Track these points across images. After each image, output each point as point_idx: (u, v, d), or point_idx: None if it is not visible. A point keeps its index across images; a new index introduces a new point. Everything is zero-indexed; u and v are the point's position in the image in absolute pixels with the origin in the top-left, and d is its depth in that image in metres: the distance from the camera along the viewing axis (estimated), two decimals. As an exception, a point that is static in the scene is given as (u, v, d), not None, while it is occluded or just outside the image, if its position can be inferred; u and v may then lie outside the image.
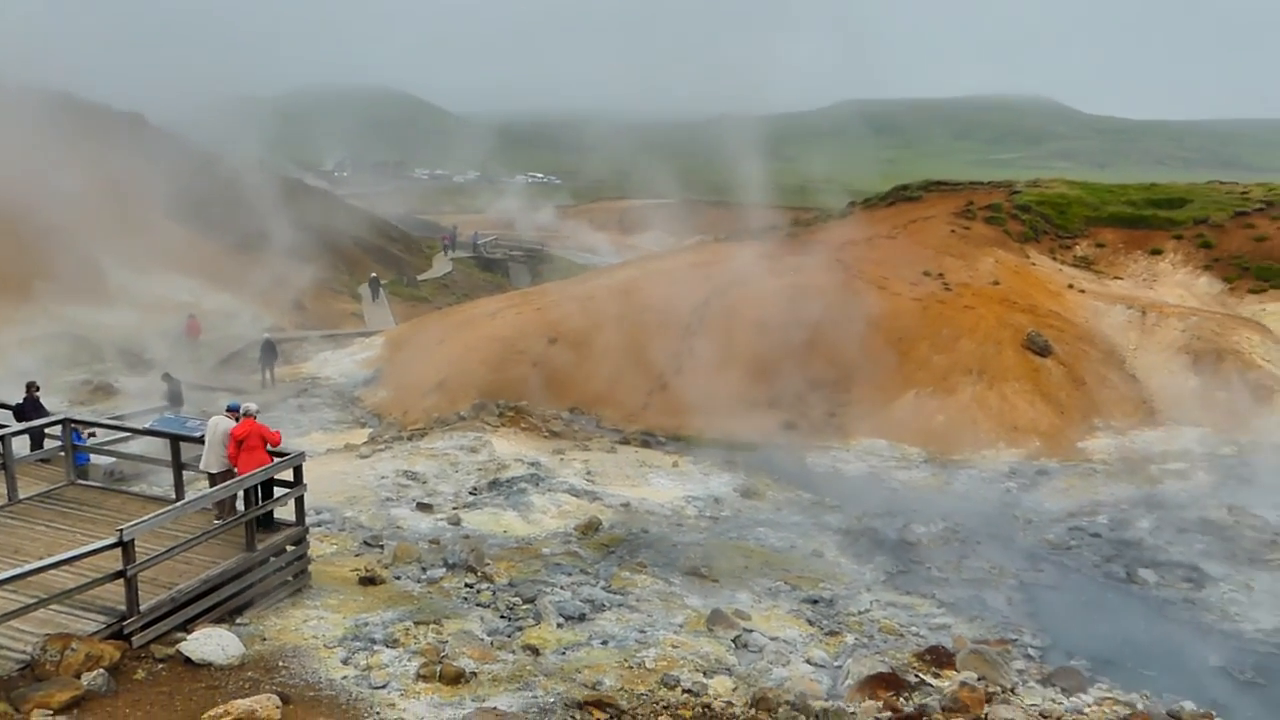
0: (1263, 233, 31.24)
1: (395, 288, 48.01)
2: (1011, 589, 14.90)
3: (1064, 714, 10.34)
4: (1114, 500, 18.74)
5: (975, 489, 19.86)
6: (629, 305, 27.10)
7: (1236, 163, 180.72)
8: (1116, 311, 26.69)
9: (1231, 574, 15.48)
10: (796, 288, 26.75)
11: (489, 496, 17.45)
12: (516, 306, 30.18)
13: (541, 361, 25.77)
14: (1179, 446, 21.45)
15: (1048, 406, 22.63)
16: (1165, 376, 23.67)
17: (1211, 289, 29.59)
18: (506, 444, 20.71)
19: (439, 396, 25.28)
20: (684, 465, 20.44)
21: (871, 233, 32.15)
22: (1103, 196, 35.56)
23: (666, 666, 10.85)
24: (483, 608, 12.31)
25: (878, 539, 16.71)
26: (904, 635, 12.73)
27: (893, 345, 24.88)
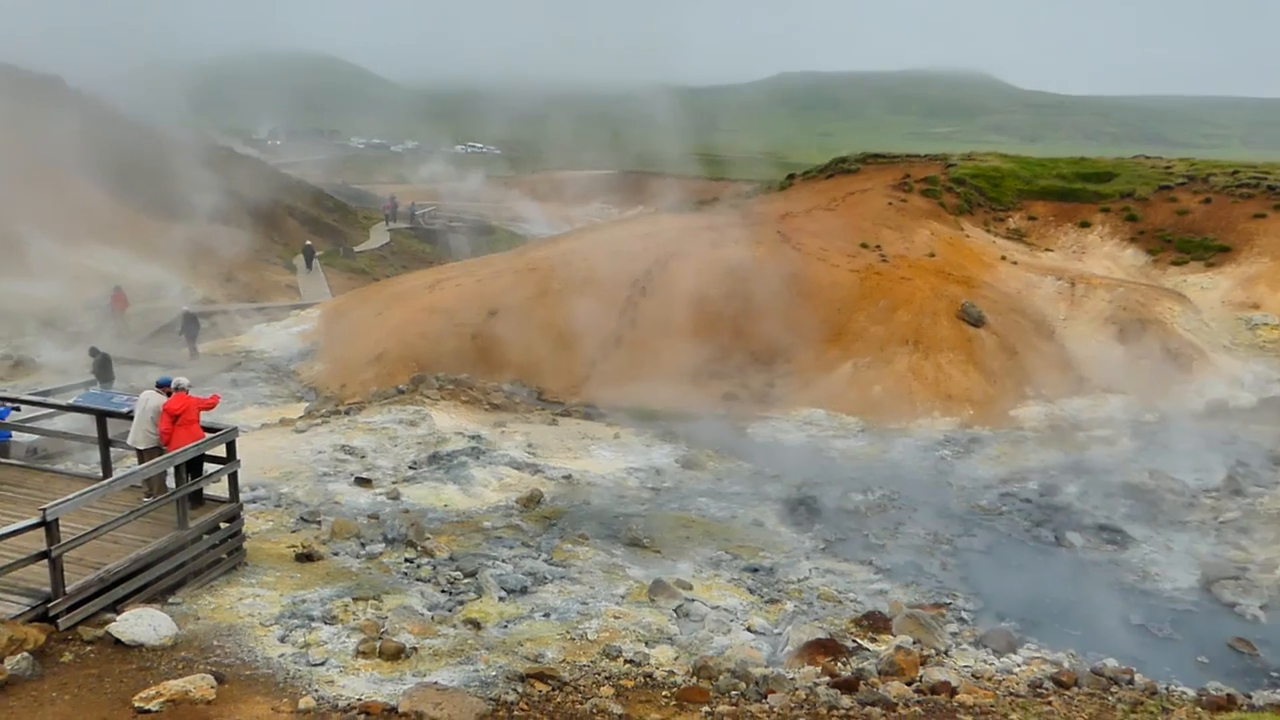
0: (1185, 206, 32.24)
1: (332, 259, 47.08)
2: (946, 554, 15.24)
3: (995, 674, 10.64)
4: (1043, 466, 19.25)
5: (911, 457, 20.25)
6: (570, 277, 26.95)
7: (1161, 138, 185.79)
8: (1047, 283, 27.34)
9: (1152, 535, 16.06)
10: (737, 260, 26.86)
11: (429, 470, 17.29)
12: (456, 278, 29.80)
13: (482, 334, 25.53)
14: (1105, 414, 22.11)
15: (981, 376, 23.13)
16: (1093, 346, 24.34)
17: (1137, 261, 30.49)
18: (446, 417, 20.52)
19: (377, 370, 24.92)
20: (625, 437, 20.48)
21: (811, 205, 32.38)
22: (1034, 170, 36.32)
23: (609, 637, 10.90)
24: (423, 582, 12.22)
25: (816, 507, 16.95)
26: (842, 602, 12.96)
27: (831, 316, 25.18)
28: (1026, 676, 10.49)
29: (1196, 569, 14.68)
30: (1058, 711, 8.94)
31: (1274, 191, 31.71)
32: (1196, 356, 24.30)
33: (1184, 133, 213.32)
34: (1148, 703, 9.34)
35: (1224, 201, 31.88)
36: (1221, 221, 30.98)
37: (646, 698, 9.17)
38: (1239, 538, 15.87)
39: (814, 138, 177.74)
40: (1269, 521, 16.20)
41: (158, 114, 47.22)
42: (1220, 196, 32.19)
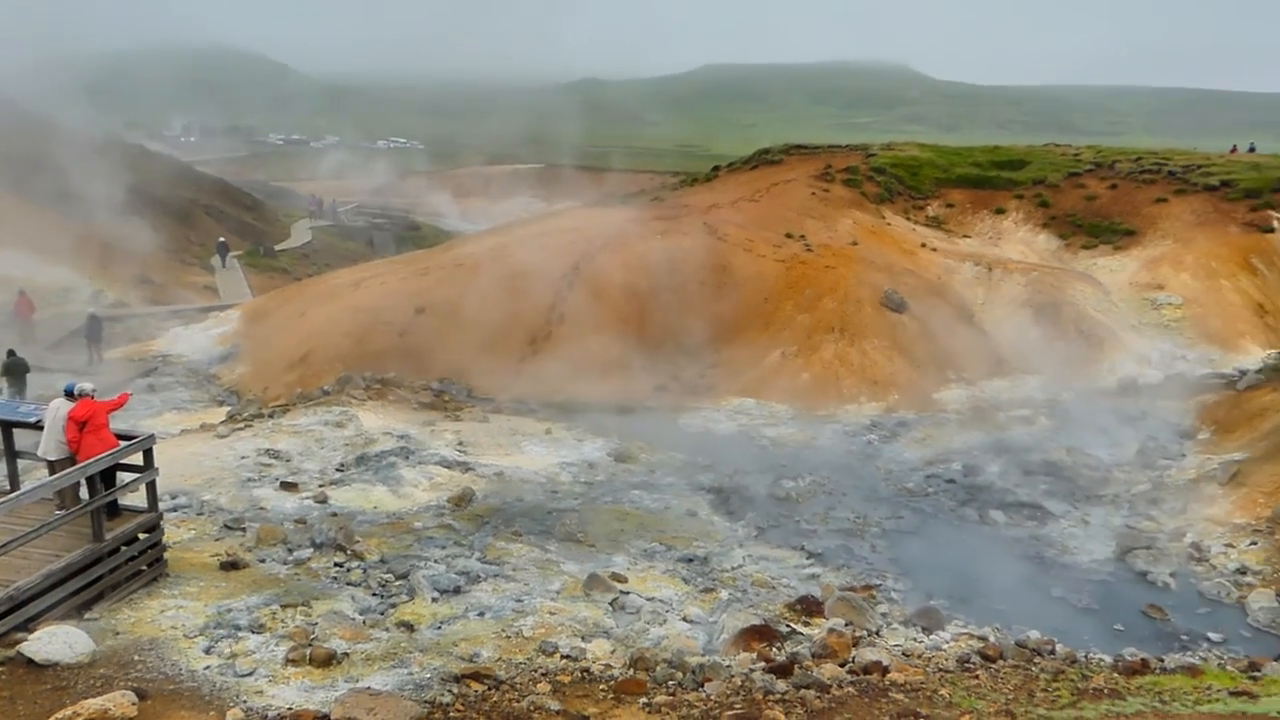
0: (1093, 192, 33.39)
1: (252, 258, 45.88)
2: (875, 537, 15.55)
3: (924, 651, 10.89)
4: (966, 447, 19.76)
5: (840, 442, 20.60)
6: (498, 272, 26.72)
7: (1069, 127, 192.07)
8: (965, 268, 28.04)
9: (1070, 510, 16.63)
10: (665, 251, 26.95)
11: (357, 472, 16.98)
12: (381, 276, 29.30)
13: (409, 331, 25.16)
14: (1023, 394, 22.79)
15: (905, 361, 23.63)
16: (1010, 329, 25.04)
17: (1049, 245, 31.46)
18: (374, 417, 20.18)
19: (302, 371, 24.39)
20: (557, 432, 20.41)
21: (736, 196, 32.64)
22: (951, 159, 37.21)
23: (544, 634, 10.86)
24: (353, 586, 12.01)
25: (749, 495, 17.13)
26: (776, 587, 13.12)
27: (759, 306, 25.44)
28: (955, 652, 10.76)
29: (1111, 541, 15.25)
30: (985, 684, 9.18)
31: (1174, 177, 33.03)
32: (1107, 336, 25.19)
33: (1091, 121, 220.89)
34: (1069, 671, 9.66)
35: (1129, 187, 33.10)
36: (1127, 206, 32.16)
37: (584, 692, 9.17)
38: (1150, 509, 16.53)
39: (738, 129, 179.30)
40: (1177, 492, 16.91)
41: (59, 109, 45.31)
42: (1125, 182, 33.42)
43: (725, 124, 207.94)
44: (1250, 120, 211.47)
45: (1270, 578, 13.62)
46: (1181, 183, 32.52)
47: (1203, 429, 19.74)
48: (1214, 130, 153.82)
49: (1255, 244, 29.14)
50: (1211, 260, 28.49)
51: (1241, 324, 26.38)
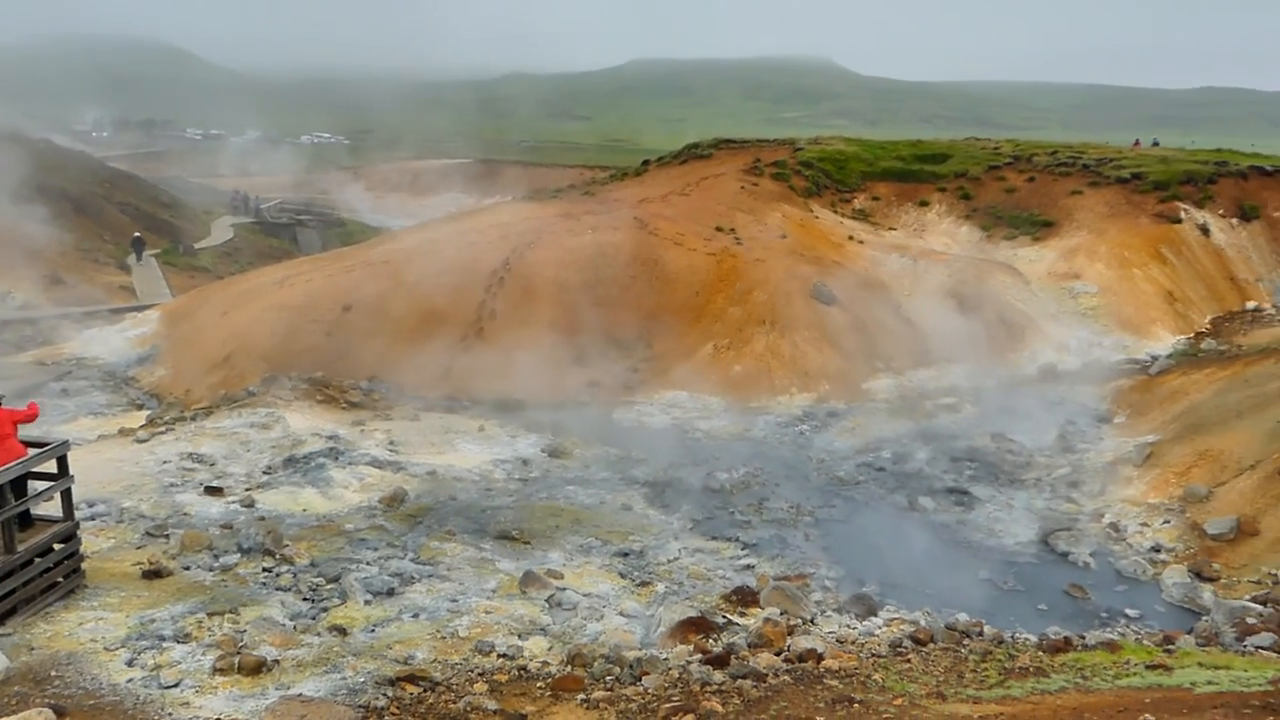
0: (1012, 184, 34.34)
1: (171, 257, 44.46)
2: (808, 526, 15.77)
3: (858, 637, 11.09)
4: (895, 436, 20.15)
5: (772, 433, 20.83)
6: (427, 268, 26.34)
7: (988, 121, 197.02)
8: (892, 260, 28.56)
9: (995, 495, 17.09)
10: (595, 246, 26.89)
11: (285, 475, 16.60)
12: (306, 273, 28.66)
13: (336, 330, 24.66)
14: (949, 382, 23.32)
15: (835, 352, 23.98)
16: (935, 319, 25.57)
17: (972, 237, 32.25)
18: (302, 418, 19.75)
19: (225, 372, 23.73)
20: (490, 429, 20.24)
21: (666, 190, 32.72)
22: (876, 153, 37.87)
23: (480, 633, 10.78)
24: (283, 591, 11.75)
25: (683, 488, 17.23)
26: (711, 579, 13.22)
27: (690, 299, 25.55)
28: (887, 637, 10.98)
29: (1034, 523, 15.72)
30: (916, 668, 9.38)
31: (1088, 170, 34.12)
32: (1028, 325, 25.92)
33: (1009, 116, 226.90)
34: (996, 652, 9.92)
35: (1046, 179, 34.10)
36: (1045, 198, 33.13)
37: (521, 690, 9.12)
38: (1070, 491, 17.08)
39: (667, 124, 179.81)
40: (1095, 475, 17.50)
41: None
42: (1043, 175, 34.41)
43: (654, 118, 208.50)
44: (1154, 115, 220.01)
45: (1183, 555, 14.19)
46: (1095, 175, 33.60)
47: (1118, 413, 20.45)
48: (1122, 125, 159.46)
49: (1164, 234, 30.27)
50: (1124, 250, 29.51)
51: (1153, 311, 27.38)
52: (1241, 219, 31.83)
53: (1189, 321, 27.41)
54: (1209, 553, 14.02)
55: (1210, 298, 29.04)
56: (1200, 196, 32.02)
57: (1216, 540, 14.15)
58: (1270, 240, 31.62)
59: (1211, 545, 14.13)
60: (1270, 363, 19.22)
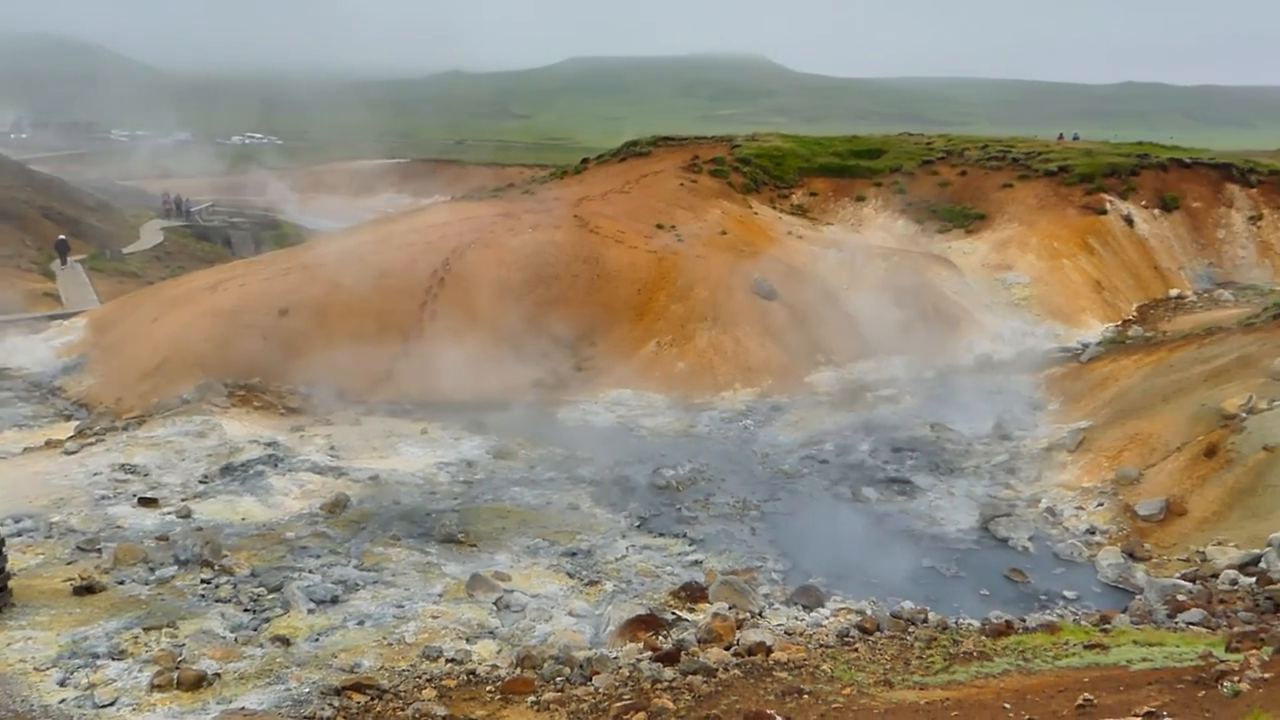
0: (945, 179, 34.99)
1: (98, 262, 43.07)
2: (754, 520, 15.88)
3: (806, 629, 11.20)
4: (838, 428, 20.39)
5: (717, 429, 20.94)
6: (366, 270, 25.93)
7: (921, 117, 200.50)
8: (830, 254, 28.91)
9: (936, 484, 17.40)
10: (536, 245, 26.75)
11: (222, 483, 16.23)
12: (240, 277, 28.01)
13: (273, 334, 24.14)
14: (889, 374, 23.68)
15: (776, 346, 24.19)
16: (874, 312, 25.95)
17: (908, 230, 32.79)
18: (239, 425, 19.32)
19: (158, 380, 23.07)
20: (433, 431, 20.01)
21: (606, 188, 32.68)
22: (813, 149, 38.29)
23: (428, 639, 10.65)
24: (223, 603, 11.48)
25: (630, 486, 17.23)
26: (660, 576, 13.24)
27: (633, 297, 25.57)
28: (835, 627, 11.11)
29: (975, 510, 16.04)
30: (864, 657, 9.50)
31: (1018, 163, 34.93)
32: (963, 316, 26.45)
33: (941, 111, 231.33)
34: (941, 638, 10.10)
35: (978, 173, 34.82)
36: (977, 192, 33.84)
37: (471, 695, 9.03)
38: (1008, 478, 17.47)
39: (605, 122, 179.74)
40: (1031, 461, 17.92)
41: None
42: (974, 169, 35.13)
43: (592, 116, 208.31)
44: (1078, 109, 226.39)
45: (1116, 536, 14.60)
46: (1024, 169, 34.40)
47: (1052, 400, 20.96)
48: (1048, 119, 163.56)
49: (1091, 225, 31.12)
50: (1054, 241, 30.27)
51: (1082, 300, 28.15)
52: (1163, 209, 32.88)
53: (1117, 309, 28.23)
54: (1141, 533, 14.45)
55: (1136, 286, 29.95)
56: (1124, 188, 33.00)
57: (1147, 521, 14.58)
58: (1190, 230, 32.74)
59: (1143, 526, 14.56)
60: (1193, 348, 19.88)
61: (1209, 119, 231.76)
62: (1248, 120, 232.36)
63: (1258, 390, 16.08)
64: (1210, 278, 31.27)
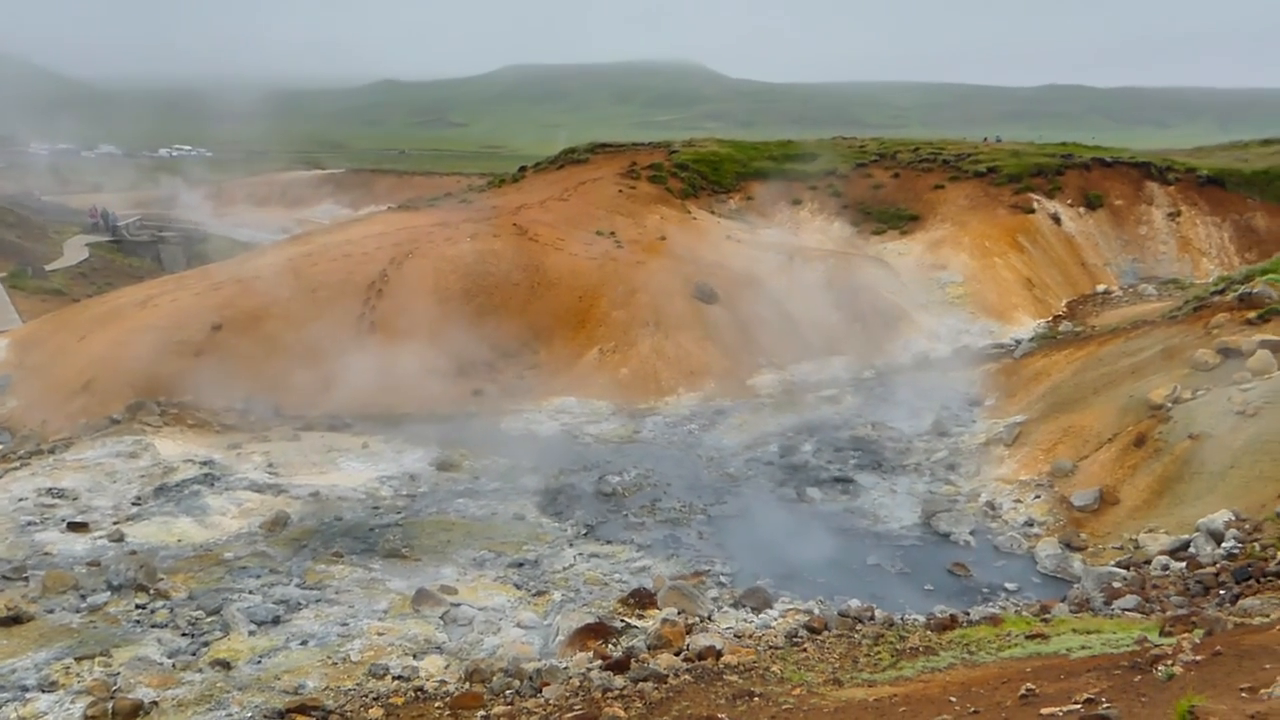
0: (879, 181, 35.60)
1: (18, 280, 41.61)
2: (701, 524, 15.92)
3: (755, 631, 11.24)
4: (781, 430, 20.57)
5: (662, 434, 20.97)
6: (302, 282, 25.46)
7: (854, 121, 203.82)
8: (769, 258, 29.17)
9: (879, 482, 17.65)
10: (476, 254, 26.54)
11: (156, 505, 15.78)
12: (171, 292, 27.29)
13: (207, 350, 23.55)
14: (829, 375, 23.98)
15: (719, 350, 24.33)
16: (813, 313, 26.27)
17: (844, 232, 33.27)
18: (172, 444, 18.82)
19: (86, 400, 22.34)
20: (375, 445, 19.71)
21: (544, 196, 32.58)
22: (749, 153, 38.67)
23: (373, 656, 10.47)
24: (159, 628, 11.15)
25: (576, 494, 17.16)
26: (608, 584, 13.20)
27: (574, 304, 25.50)
28: (783, 628, 11.17)
29: (917, 506, 16.30)
30: (813, 656, 9.57)
31: (949, 165, 35.68)
32: (901, 316, 26.90)
33: (872, 115, 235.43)
34: (887, 634, 10.22)
35: (910, 175, 35.50)
36: (910, 193, 34.48)
37: (419, 712, 8.89)
38: (948, 474, 17.79)
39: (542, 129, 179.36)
40: (970, 456, 18.28)
41: None
42: (907, 171, 35.81)
43: (529, 124, 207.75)
44: (1004, 112, 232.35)
45: (1053, 527, 14.95)
46: (955, 170, 35.15)
47: (988, 396, 21.41)
48: (976, 121, 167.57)
49: (1021, 224, 31.91)
50: (985, 240, 30.95)
51: (1014, 297, 28.82)
52: (1088, 208, 33.84)
53: (1047, 306, 28.96)
54: (1077, 523, 14.82)
55: (1065, 282, 30.76)
56: (1050, 188, 33.90)
57: (1082, 511, 14.97)
58: (1114, 227, 33.73)
59: (1078, 516, 14.94)
60: (1120, 341, 20.46)
61: (1128, 120, 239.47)
62: (1164, 120, 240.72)
63: (1182, 381, 16.61)
64: (1134, 273, 32.26)
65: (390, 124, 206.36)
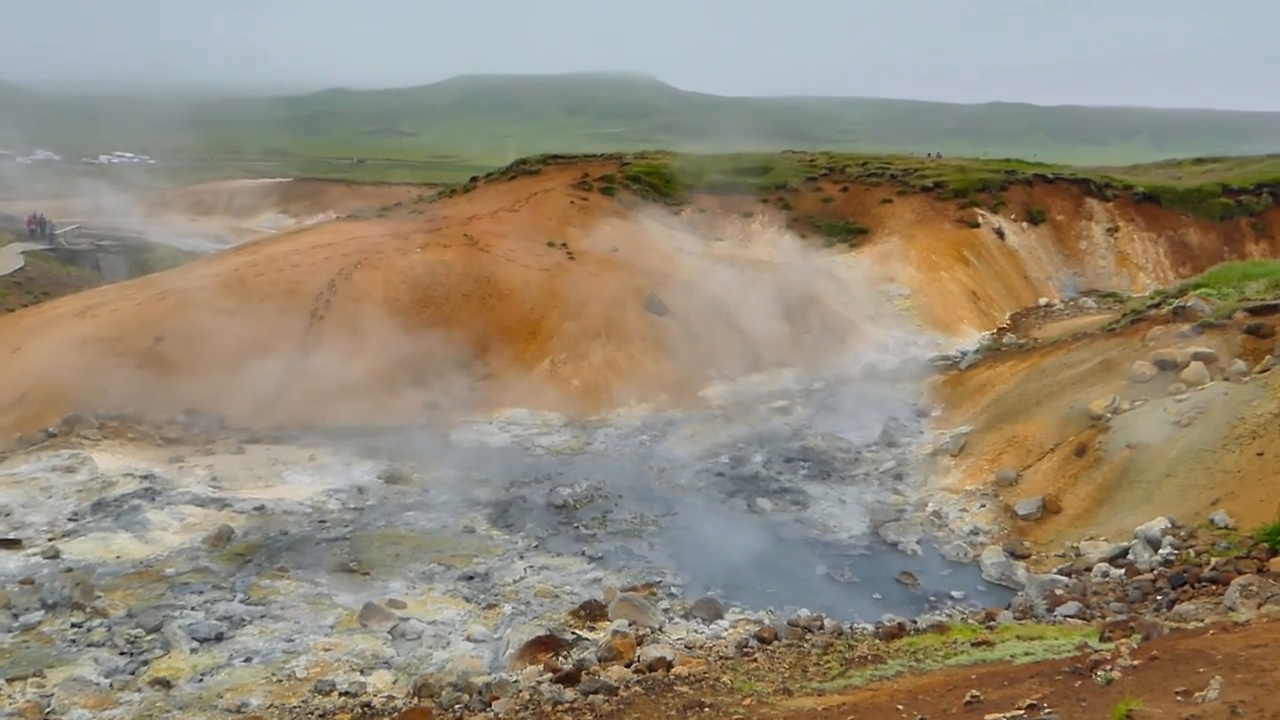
0: (829, 195, 36.10)
1: (-52, 291, 40.35)
2: (653, 535, 15.93)
3: (705, 642, 11.27)
4: (732, 441, 20.68)
5: (613, 446, 20.96)
6: (248, 293, 25.05)
7: (804, 135, 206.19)
8: (720, 270, 29.40)
9: (828, 492, 17.82)
10: (426, 265, 26.35)
11: (94, 520, 15.36)
12: (112, 302, 26.66)
13: (149, 362, 23.03)
14: (780, 386, 24.18)
15: (670, 362, 24.41)
16: (764, 325, 26.50)
17: (794, 245, 33.66)
18: (112, 458, 18.35)
19: (20, 413, 21.69)
20: (322, 458, 19.41)
21: (496, 207, 32.49)
22: (701, 166, 38.95)
23: (320, 672, 10.30)
24: (96, 647, 10.85)
25: (527, 507, 17.07)
26: (559, 596, 13.14)
27: (526, 315, 25.43)
28: (734, 639, 11.20)
29: (865, 516, 16.48)
30: (763, 666, 9.62)
31: (896, 180, 36.31)
32: (850, 328, 27.26)
33: (822, 129, 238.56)
34: (837, 643, 10.30)
35: (859, 189, 36.05)
36: (858, 207, 35.02)
37: (366, 728, 8.76)
38: (896, 484, 18.03)
39: (493, 139, 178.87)
40: (917, 467, 18.55)
41: None
42: (855, 185, 36.36)
43: (480, 134, 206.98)
44: (949, 128, 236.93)
45: (998, 536, 15.22)
46: (902, 185, 35.78)
47: (935, 407, 21.76)
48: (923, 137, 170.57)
49: (966, 238, 32.57)
50: (931, 254, 31.53)
51: (960, 310, 29.39)
52: (1030, 222, 34.67)
53: (991, 318, 29.57)
54: (1020, 532, 15.11)
55: (1008, 295, 31.44)
56: (994, 203, 34.67)
57: (1026, 520, 15.26)
58: (1055, 241, 34.60)
59: (1022, 525, 15.23)
60: (1062, 353, 20.94)
61: (1068, 137, 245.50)
62: (1103, 138, 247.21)
63: (1120, 392, 17.04)
64: (1075, 286, 33.10)
65: (339, 132, 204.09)
